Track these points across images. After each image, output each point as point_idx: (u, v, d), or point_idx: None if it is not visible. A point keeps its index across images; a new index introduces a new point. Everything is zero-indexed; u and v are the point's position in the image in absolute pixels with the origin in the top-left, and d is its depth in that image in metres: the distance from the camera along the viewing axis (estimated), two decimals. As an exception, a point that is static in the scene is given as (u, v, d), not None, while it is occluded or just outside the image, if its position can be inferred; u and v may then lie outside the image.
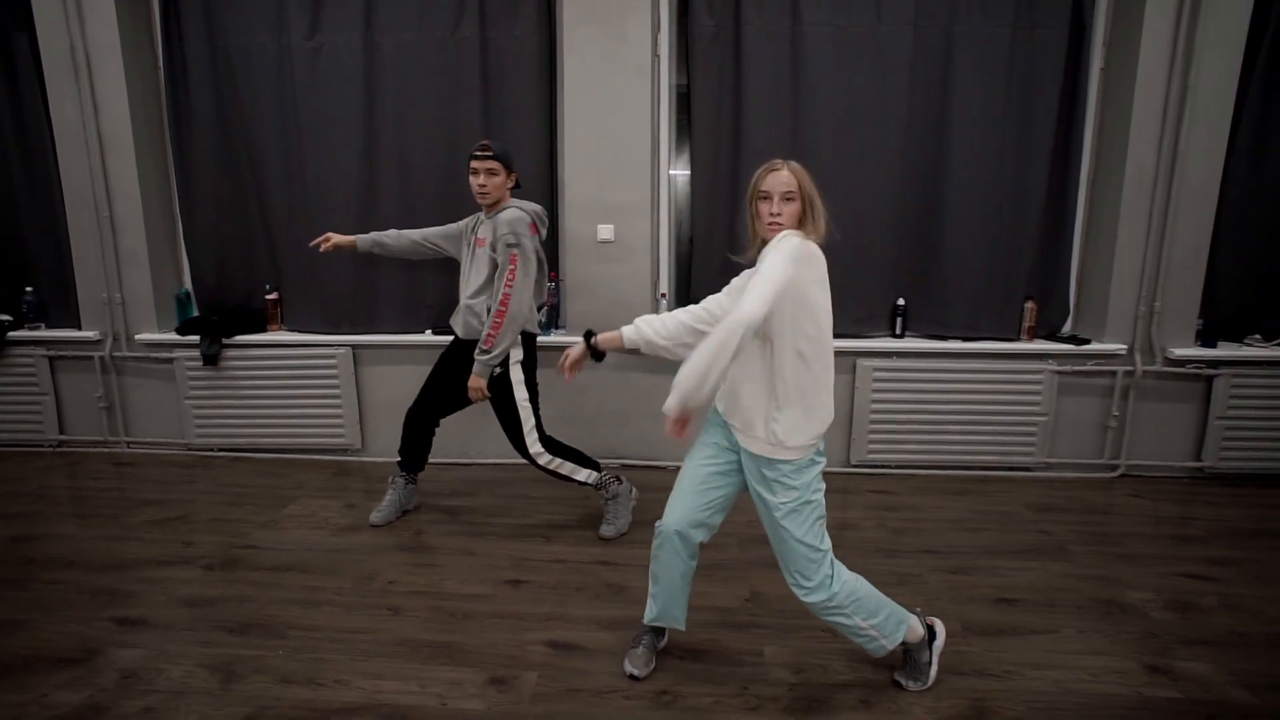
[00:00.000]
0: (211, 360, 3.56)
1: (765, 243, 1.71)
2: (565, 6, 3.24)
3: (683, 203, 3.68)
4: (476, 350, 2.58)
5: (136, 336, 3.63)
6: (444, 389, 2.82)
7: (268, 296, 3.65)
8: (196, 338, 3.56)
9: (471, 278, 2.68)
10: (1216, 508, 3.10)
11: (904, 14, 3.18)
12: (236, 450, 3.69)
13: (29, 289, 3.71)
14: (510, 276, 2.52)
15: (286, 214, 3.53)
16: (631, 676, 1.92)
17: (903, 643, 1.83)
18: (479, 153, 2.57)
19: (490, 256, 2.61)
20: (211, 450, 3.70)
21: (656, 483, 3.15)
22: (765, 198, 1.71)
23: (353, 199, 3.47)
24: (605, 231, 3.35)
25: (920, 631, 1.86)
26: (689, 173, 3.48)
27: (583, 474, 2.76)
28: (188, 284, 3.75)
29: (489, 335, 2.54)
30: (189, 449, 3.72)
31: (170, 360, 3.64)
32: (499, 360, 2.58)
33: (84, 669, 1.97)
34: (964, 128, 3.26)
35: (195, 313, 3.73)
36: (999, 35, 3.18)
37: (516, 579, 2.47)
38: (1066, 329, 3.53)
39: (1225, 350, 3.34)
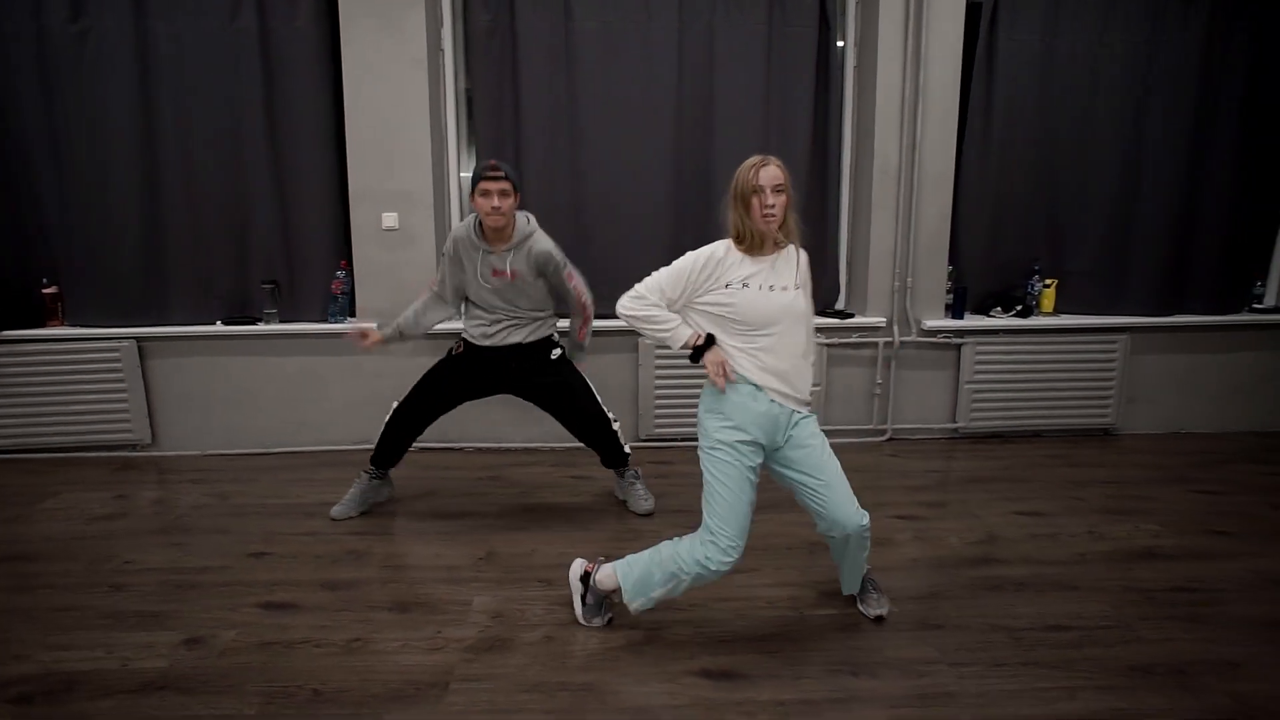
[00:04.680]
0: (-22, 357, 3.39)
1: (763, 235, 1.85)
2: (343, 0, 3.31)
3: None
4: (575, 347, 2.79)
5: (-109, 335, 3.43)
6: (459, 396, 2.75)
7: (44, 290, 3.51)
8: (-39, 334, 3.39)
9: (520, 302, 2.58)
10: (954, 461, 3.44)
11: (670, 10, 3.40)
12: (4, 452, 3.52)
13: None
14: (578, 286, 2.66)
15: (59, 205, 3.42)
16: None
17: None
18: (491, 174, 2.37)
19: (534, 281, 2.56)
20: (-21, 453, 3.52)
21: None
22: (758, 192, 1.80)
23: (134, 189, 3.40)
24: (389, 219, 3.41)
25: None
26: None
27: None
28: (-43, 279, 3.57)
29: (583, 331, 2.75)
30: (-46, 453, 3.53)
31: (-68, 360, 3.45)
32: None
33: None
34: (728, 119, 3.50)
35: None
36: (756, 31, 3.45)
37: (262, 551, 2.50)
38: (840, 305, 3.83)
39: (971, 321, 3.71)
